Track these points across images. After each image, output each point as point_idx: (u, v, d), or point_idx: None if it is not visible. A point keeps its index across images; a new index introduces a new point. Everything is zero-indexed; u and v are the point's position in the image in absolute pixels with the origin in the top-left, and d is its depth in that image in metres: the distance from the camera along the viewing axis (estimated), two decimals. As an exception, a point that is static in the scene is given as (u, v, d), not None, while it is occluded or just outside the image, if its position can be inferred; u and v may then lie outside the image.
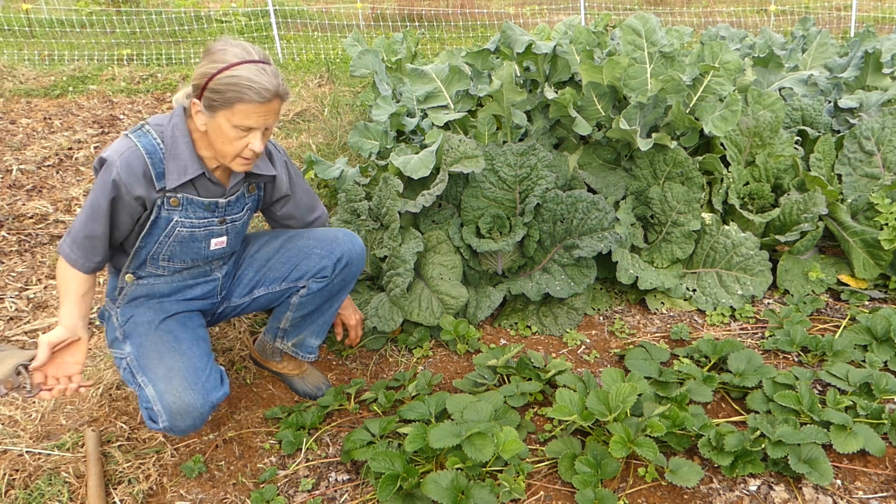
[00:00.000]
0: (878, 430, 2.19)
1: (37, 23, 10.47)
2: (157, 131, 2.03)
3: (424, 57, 7.54)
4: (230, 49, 1.93)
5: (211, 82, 1.90)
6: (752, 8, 11.84)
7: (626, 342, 2.92)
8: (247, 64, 1.92)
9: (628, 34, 3.41)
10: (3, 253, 3.76)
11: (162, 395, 2.00)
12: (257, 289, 2.40)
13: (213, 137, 2.00)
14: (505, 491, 2.00)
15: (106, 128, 6.03)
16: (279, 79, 1.97)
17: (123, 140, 2.01)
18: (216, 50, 1.95)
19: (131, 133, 2.02)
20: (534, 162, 3.09)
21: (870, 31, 4.82)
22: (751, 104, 3.60)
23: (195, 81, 1.95)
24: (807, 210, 3.19)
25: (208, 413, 2.07)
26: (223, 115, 1.94)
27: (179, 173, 2.02)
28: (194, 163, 2.03)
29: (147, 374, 2.04)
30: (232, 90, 1.90)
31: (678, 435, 2.17)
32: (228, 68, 1.90)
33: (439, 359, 2.84)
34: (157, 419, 2.02)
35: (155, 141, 2.01)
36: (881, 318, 2.69)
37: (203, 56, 1.97)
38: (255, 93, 1.91)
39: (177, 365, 2.05)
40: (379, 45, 5.31)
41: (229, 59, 1.91)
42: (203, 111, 1.96)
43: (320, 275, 2.35)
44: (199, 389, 2.03)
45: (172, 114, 2.06)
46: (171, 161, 2.01)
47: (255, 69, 1.92)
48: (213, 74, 1.90)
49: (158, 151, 2.01)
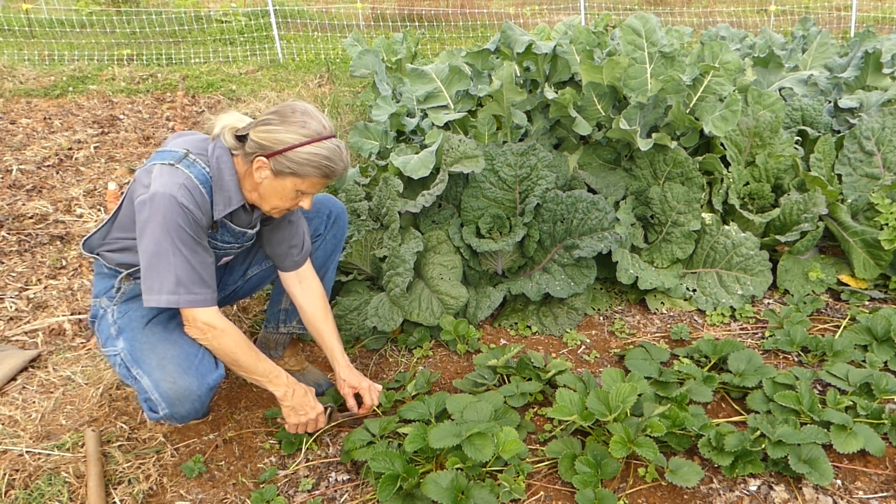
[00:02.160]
0: (879, 430, 2.18)
1: (37, 23, 10.47)
2: (202, 160, 2.03)
3: (424, 57, 7.54)
4: (310, 121, 1.96)
5: (290, 152, 1.94)
6: (752, 8, 11.83)
7: (626, 342, 2.92)
8: (327, 141, 1.97)
9: (628, 34, 3.41)
10: (3, 253, 3.75)
11: (158, 384, 2.04)
12: (250, 269, 2.48)
13: (268, 192, 2.04)
14: (505, 491, 2.00)
15: (106, 128, 6.03)
16: (347, 154, 2.04)
17: (172, 171, 1.97)
18: (295, 118, 1.96)
19: (177, 163, 1.98)
20: (534, 162, 3.09)
21: (870, 31, 4.82)
22: (751, 104, 3.60)
23: (267, 142, 1.95)
24: (807, 210, 3.19)
25: (207, 396, 2.10)
26: (291, 181, 2.00)
27: (225, 204, 2.05)
28: (237, 193, 2.06)
29: (142, 366, 2.07)
30: (311, 165, 1.96)
31: (678, 435, 2.17)
32: (312, 143, 1.95)
33: (439, 359, 2.84)
34: (157, 408, 2.06)
35: (205, 170, 2.02)
36: (881, 318, 2.69)
37: (275, 117, 1.97)
38: (332, 171, 2.00)
39: (169, 353, 2.08)
40: (379, 45, 5.31)
41: (310, 132, 1.95)
42: (269, 171, 1.99)
43: (314, 234, 2.45)
44: (193, 373, 2.06)
45: (214, 144, 2.05)
46: (217, 192, 2.04)
47: (334, 148, 1.98)
48: (295, 146, 1.93)
49: (209, 181, 2.03)
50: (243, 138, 2.02)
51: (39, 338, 3.01)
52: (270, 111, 2.00)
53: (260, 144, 1.96)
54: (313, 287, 2.41)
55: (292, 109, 1.98)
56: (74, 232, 4.00)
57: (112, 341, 2.15)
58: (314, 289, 2.41)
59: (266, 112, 2.02)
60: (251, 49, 9.61)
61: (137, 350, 2.09)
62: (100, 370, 2.72)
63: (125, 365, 2.10)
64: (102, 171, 5.00)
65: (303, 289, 2.40)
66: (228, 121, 2.05)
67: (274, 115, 1.97)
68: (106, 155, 5.33)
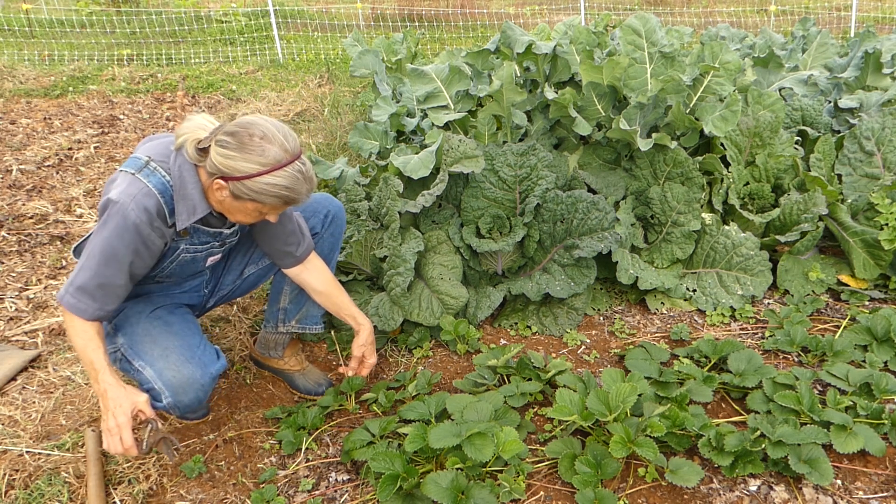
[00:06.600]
0: (879, 430, 2.18)
1: (37, 23, 10.47)
2: (163, 168, 1.96)
3: (424, 57, 7.54)
4: (269, 148, 1.85)
5: (248, 181, 1.87)
6: (752, 8, 11.83)
7: (627, 342, 2.92)
8: (288, 167, 1.88)
9: (628, 34, 3.41)
10: (3, 253, 3.75)
11: (161, 373, 2.06)
12: (247, 268, 2.48)
13: (230, 209, 1.99)
14: (505, 491, 2.00)
15: (106, 128, 6.03)
16: (312, 174, 1.96)
17: (130, 180, 1.93)
18: (253, 145, 1.85)
19: (137, 172, 1.94)
20: (534, 162, 3.09)
21: (870, 31, 4.82)
22: (751, 104, 3.60)
23: (225, 168, 1.86)
24: (807, 210, 3.19)
25: (209, 386, 2.12)
26: (252, 205, 1.94)
27: (189, 213, 1.98)
28: (202, 203, 1.99)
29: (143, 358, 2.09)
30: (270, 195, 1.90)
31: (678, 435, 2.17)
32: (270, 172, 1.86)
33: (439, 359, 2.84)
34: (161, 397, 2.07)
35: (164, 179, 1.95)
36: (881, 319, 2.69)
37: (233, 141, 1.85)
38: (293, 199, 1.94)
39: (171, 344, 2.10)
40: (379, 45, 5.31)
41: (269, 161, 1.85)
42: (228, 192, 1.92)
43: (311, 234, 2.44)
44: (196, 362, 2.09)
45: (176, 154, 1.97)
46: (180, 201, 1.97)
47: (294, 176, 1.89)
48: (253, 175, 1.86)
49: (168, 189, 1.96)
50: (206, 150, 1.92)
51: (39, 338, 3.01)
52: (230, 130, 1.88)
53: (218, 168, 1.88)
54: (319, 267, 2.42)
55: (250, 134, 1.86)
56: (74, 232, 4.00)
57: (109, 339, 2.16)
58: (320, 268, 2.42)
59: (228, 127, 1.90)
60: (251, 49, 9.61)
61: (138, 343, 2.11)
62: (100, 370, 2.72)
63: (126, 359, 2.12)
64: (102, 171, 5.00)
65: (309, 271, 2.41)
66: (192, 132, 1.94)
67: (232, 139, 1.86)
68: (106, 155, 5.33)
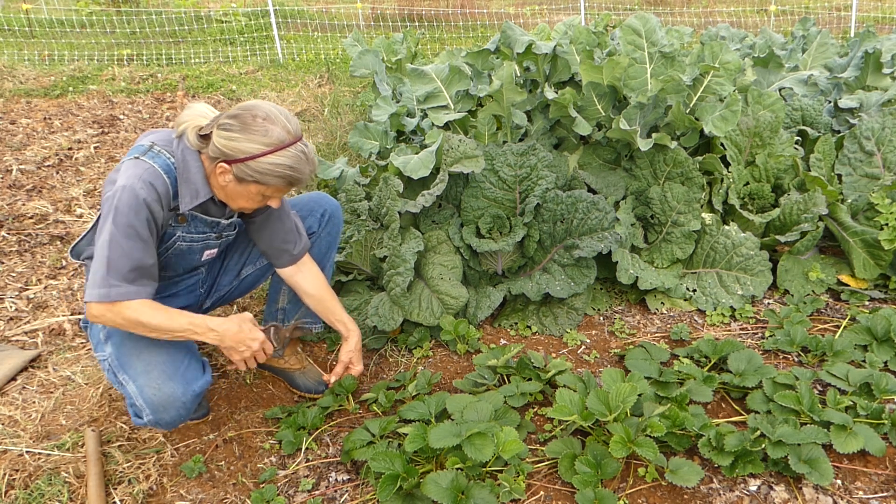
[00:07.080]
0: (879, 430, 2.18)
1: (37, 23, 10.47)
2: (167, 150, 1.99)
3: (424, 57, 7.54)
4: (272, 129, 1.89)
5: (252, 161, 1.89)
6: (752, 8, 11.84)
7: (627, 342, 2.92)
8: (290, 148, 1.91)
9: (628, 34, 3.41)
10: (3, 253, 3.75)
11: (142, 389, 2.03)
12: (245, 268, 2.48)
13: (233, 193, 2.01)
14: (505, 491, 2.00)
15: (106, 128, 6.03)
16: (314, 157, 1.99)
17: (135, 163, 1.95)
18: (256, 126, 1.89)
19: (141, 155, 1.96)
20: (534, 162, 3.09)
21: (870, 31, 4.82)
22: (751, 104, 3.60)
23: (228, 150, 1.90)
24: (807, 210, 3.19)
25: (192, 403, 2.09)
26: (255, 187, 1.96)
27: (192, 196, 2.00)
28: (205, 187, 2.02)
29: (127, 372, 2.07)
30: (274, 175, 1.91)
31: (678, 435, 2.17)
32: (274, 153, 1.89)
33: (439, 359, 2.84)
34: (142, 414, 2.05)
35: (169, 160, 1.98)
36: (881, 318, 2.69)
37: (236, 123, 1.90)
38: (297, 179, 1.95)
39: (155, 359, 2.07)
40: (379, 45, 5.31)
41: (272, 141, 1.89)
42: (232, 176, 1.94)
43: (308, 233, 2.44)
44: (178, 379, 2.05)
45: (178, 141, 2.01)
46: (183, 184, 2.00)
47: (297, 155, 1.92)
48: (256, 156, 1.88)
49: (173, 171, 1.99)
50: (207, 136, 1.97)
51: (39, 338, 3.01)
52: (233, 113, 1.92)
53: (221, 151, 1.91)
54: (313, 270, 2.42)
55: (253, 115, 1.90)
56: (74, 232, 4.00)
57: (101, 346, 2.16)
58: (313, 272, 2.42)
59: (230, 111, 1.94)
60: (251, 49, 9.61)
61: (124, 355, 2.09)
62: (99, 370, 2.72)
63: (112, 370, 2.11)
64: (102, 171, 5.00)
65: (303, 273, 2.40)
66: (192, 119, 1.99)
67: (235, 121, 1.90)
68: (106, 155, 5.33)
